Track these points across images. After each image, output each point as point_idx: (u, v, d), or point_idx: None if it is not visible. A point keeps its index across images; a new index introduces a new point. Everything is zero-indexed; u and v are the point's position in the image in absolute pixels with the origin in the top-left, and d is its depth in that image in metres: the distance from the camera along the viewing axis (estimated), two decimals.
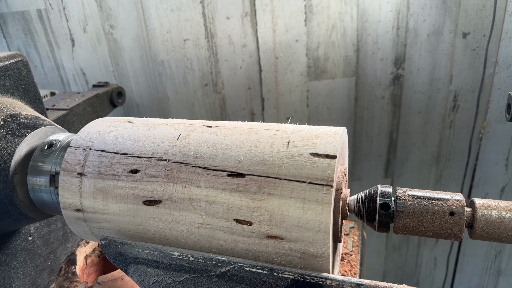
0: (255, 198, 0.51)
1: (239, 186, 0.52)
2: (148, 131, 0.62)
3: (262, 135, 0.56)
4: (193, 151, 0.56)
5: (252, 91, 1.53)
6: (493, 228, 0.48)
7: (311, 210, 0.48)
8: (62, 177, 0.61)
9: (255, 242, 0.51)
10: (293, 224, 0.49)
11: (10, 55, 0.78)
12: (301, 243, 0.49)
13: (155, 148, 0.58)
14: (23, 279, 0.80)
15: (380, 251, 1.86)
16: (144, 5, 1.42)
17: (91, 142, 0.62)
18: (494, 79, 1.40)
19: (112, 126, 0.65)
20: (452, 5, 1.35)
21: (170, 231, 0.55)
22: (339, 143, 0.51)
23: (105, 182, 0.58)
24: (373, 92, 1.51)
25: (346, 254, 0.94)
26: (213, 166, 0.54)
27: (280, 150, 0.53)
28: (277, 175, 0.51)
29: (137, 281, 0.55)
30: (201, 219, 0.53)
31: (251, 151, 0.54)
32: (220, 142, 0.56)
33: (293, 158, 0.51)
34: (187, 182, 0.54)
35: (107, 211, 0.59)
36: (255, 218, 0.51)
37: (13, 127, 0.68)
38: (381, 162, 1.64)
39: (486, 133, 1.51)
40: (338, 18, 1.40)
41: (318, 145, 0.52)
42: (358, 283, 0.46)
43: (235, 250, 0.53)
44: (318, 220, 0.47)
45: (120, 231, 0.59)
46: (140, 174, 0.57)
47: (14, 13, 1.51)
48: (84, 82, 1.60)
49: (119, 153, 0.59)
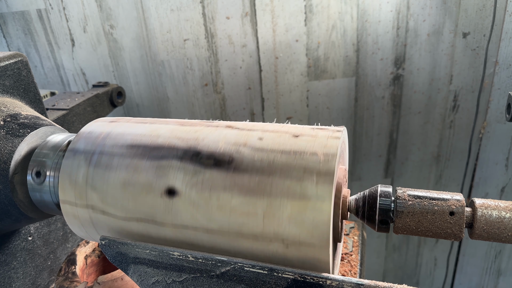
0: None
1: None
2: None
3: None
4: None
5: (252, 91, 1.53)
6: (493, 228, 0.48)
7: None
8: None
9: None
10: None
11: (10, 55, 0.78)
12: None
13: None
14: (23, 279, 0.80)
15: (380, 251, 1.86)
16: (144, 5, 1.42)
17: (91, 142, 0.62)
18: (494, 79, 1.40)
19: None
20: (452, 5, 1.35)
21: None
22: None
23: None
24: (373, 92, 1.51)
25: (346, 254, 0.94)
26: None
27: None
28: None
29: (137, 281, 0.55)
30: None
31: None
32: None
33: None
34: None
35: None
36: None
37: (13, 127, 0.68)
38: (381, 162, 1.64)
39: (486, 133, 1.51)
40: (338, 18, 1.40)
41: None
42: (358, 283, 0.46)
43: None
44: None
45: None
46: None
47: (14, 13, 1.51)
48: (84, 82, 1.60)
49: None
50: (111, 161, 0.58)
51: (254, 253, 0.51)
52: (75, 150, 0.62)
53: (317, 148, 0.51)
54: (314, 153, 0.51)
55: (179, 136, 0.58)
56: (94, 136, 0.63)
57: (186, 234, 0.54)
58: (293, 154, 0.51)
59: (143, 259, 0.54)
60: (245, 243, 0.51)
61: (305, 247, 0.49)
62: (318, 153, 0.50)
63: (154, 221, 0.56)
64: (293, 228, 0.49)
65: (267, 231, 0.50)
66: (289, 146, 0.52)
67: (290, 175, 0.50)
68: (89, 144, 0.62)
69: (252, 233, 0.50)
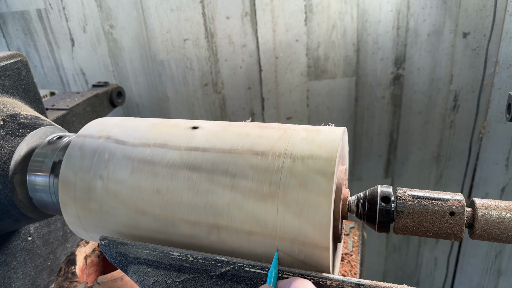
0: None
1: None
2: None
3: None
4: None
5: (252, 91, 1.53)
6: (493, 228, 0.48)
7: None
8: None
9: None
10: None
11: (10, 55, 0.78)
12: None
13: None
14: (22, 279, 0.80)
15: (380, 251, 1.86)
16: (143, 5, 1.42)
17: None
18: (495, 79, 1.40)
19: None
20: (452, 5, 1.35)
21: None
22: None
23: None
24: (373, 92, 1.51)
25: (346, 254, 0.94)
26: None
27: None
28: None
29: (137, 281, 0.55)
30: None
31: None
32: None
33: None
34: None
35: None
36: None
37: (12, 127, 0.68)
38: (381, 162, 1.64)
39: (487, 133, 1.50)
40: (338, 18, 1.39)
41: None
42: (358, 283, 0.46)
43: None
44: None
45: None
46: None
47: (14, 13, 1.51)
48: (83, 82, 1.60)
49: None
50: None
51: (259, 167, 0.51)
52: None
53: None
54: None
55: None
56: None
57: (193, 155, 0.55)
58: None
59: (143, 259, 0.54)
60: (253, 159, 0.52)
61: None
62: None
63: (165, 145, 0.57)
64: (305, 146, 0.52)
65: (277, 148, 0.52)
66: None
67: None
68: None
69: (262, 150, 0.52)
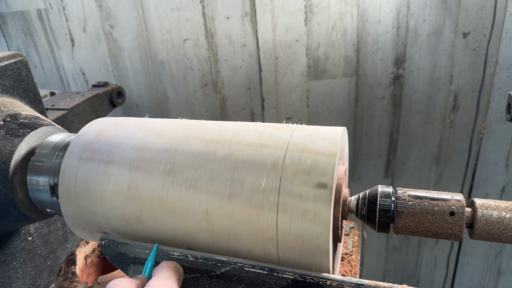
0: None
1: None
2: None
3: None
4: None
5: (252, 91, 1.53)
6: (493, 228, 0.48)
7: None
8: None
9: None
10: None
11: (10, 55, 0.78)
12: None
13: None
14: (22, 279, 0.80)
15: (380, 252, 1.86)
16: (144, 5, 1.42)
17: (90, 143, 0.62)
18: (495, 79, 1.40)
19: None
20: (452, 5, 1.35)
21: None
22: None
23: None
24: (373, 92, 1.51)
25: (346, 254, 0.94)
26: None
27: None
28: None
29: None
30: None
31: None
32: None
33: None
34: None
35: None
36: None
37: (12, 127, 0.68)
38: (381, 162, 1.64)
39: (487, 133, 1.50)
40: (338, 18, 1.39)
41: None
42: (358, 283, 0.46)
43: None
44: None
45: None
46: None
47: (14, 13, 1.51)
48: (83, 82, 1.60)
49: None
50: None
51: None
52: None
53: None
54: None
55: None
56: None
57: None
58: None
59: (143, 259, 0.54)
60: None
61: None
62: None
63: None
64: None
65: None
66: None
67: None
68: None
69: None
